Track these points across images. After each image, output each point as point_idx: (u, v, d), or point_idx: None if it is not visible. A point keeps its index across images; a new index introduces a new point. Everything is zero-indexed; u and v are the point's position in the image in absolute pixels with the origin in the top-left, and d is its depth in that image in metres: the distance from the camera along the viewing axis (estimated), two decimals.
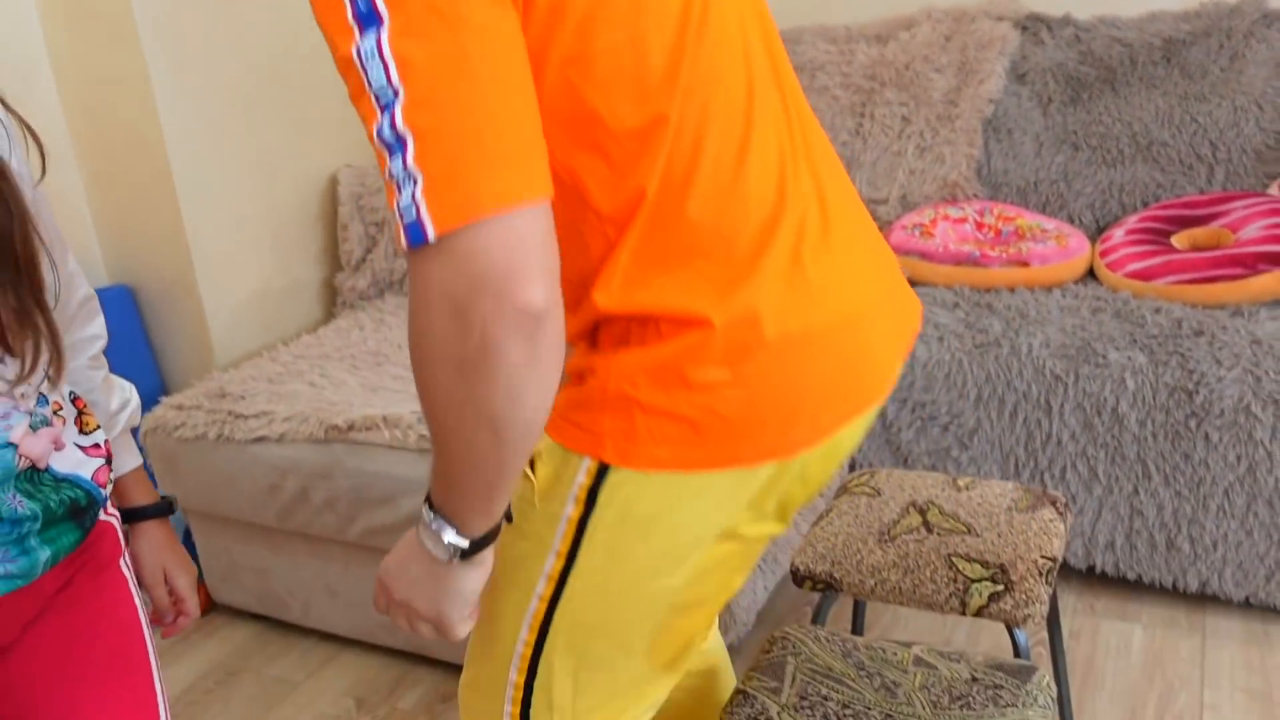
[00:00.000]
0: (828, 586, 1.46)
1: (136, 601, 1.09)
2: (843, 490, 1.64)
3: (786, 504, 0.96)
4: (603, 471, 0.87)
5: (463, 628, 0.91)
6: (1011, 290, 2.21)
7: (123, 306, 2.45)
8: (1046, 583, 1.38)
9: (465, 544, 0.83)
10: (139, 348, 2.49)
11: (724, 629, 1.87)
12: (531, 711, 1.00)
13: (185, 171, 2.30)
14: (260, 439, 2.04)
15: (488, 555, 0.87)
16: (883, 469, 1.67)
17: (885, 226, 2.49)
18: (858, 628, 1.77)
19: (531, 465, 0.91)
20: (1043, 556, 1.41)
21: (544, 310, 0.71)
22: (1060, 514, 1.52)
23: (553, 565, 0.92)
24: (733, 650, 1.92)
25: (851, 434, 0.94)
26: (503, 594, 0.98)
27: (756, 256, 0.85)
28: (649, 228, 0.83)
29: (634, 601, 0.93)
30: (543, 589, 0.94)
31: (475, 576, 0.88)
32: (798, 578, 1.48)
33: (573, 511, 0.89)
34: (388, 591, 0.92)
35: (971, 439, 2.08)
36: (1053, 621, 1.64)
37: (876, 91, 2.55)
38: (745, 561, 0.99)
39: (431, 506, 0.84)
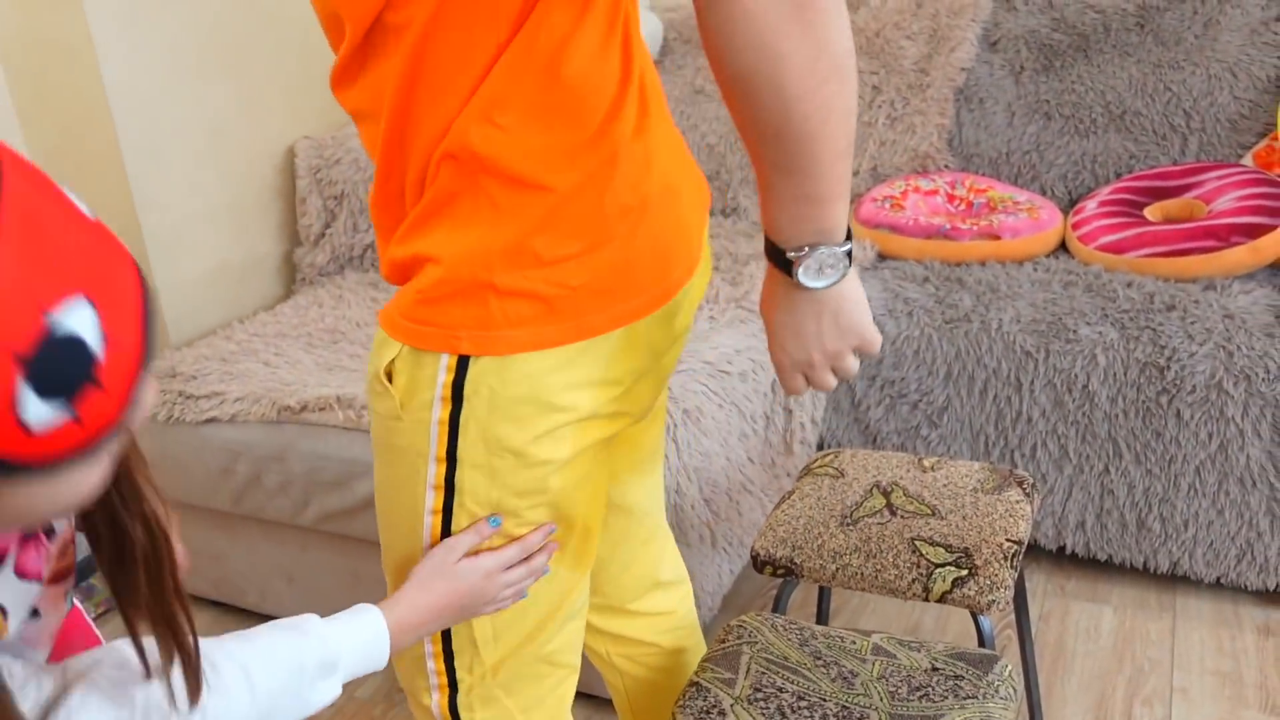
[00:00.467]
0: (788, 572, 1.42)
1: (92, 627, 1.04)
2: (806, 471, 1.59)
3: (639, 382, 0.98)
4: (463, 364, 0.88)
5: (877, 333, 0.96)
6: (982, 264, 2.16)
7: None
8: (1011, 567, 1.34)
9: (842, 247, 0.87)
10: None
11: None
12: (453, 636, 1.01)
13: (134, 143, 2.22)
14: (211, 420, 1.98)
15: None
16: (848, 449, 1.63)
17: (856, 199, 2.44)
18: (823, 614, 1.73)
19: (389, 377, 0.92)
20: (1008, 540, 1.37)
21: None
22: (1027, 495, 1.48)
23: (435, 473, 0.92)
24: None
25: (687, 304, 0.99)
26: (392, 525, 0.98)
27: (606, 128, 0.87)
28: (525, 68, 0.83)
29: (522, 492, 0.94)
30: (432, 501, 0.94)
31: (857, 281, 0.93)
32: (757, 563, 1.44)
33: (441, 412, 0.89)
34: (809, 366, 0.96)
35: (941, 417, 2.04)
36: (1020, 605, 1.61)
37: None
38: (609, 441, 1.00)
39: (793, 251, 0.87)
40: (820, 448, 2.17)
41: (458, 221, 0.86)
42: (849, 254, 0.88)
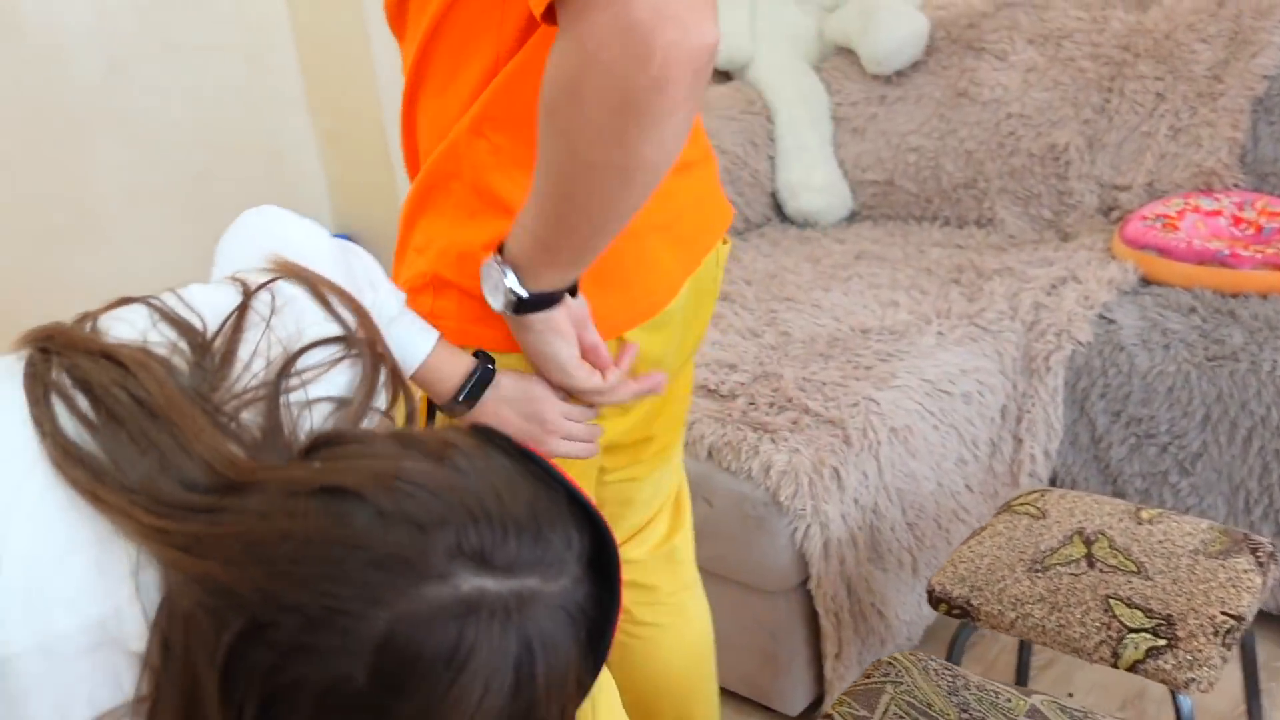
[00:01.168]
0: (964, 614, 1.30)
1: None
2: (1005, 507, 1.46)
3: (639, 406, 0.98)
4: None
5: (583, 372, 0.87)
6: (1264, 297, 1.90)
7: None
8: (1224, 644, 1.16)
9: (524, 293, 0.81)
10: None
11: (880, 641, 1.73)
12: None
13: (398, 131, 2.37)
14: None
15: (557, 320, 0.84)
16: (1056, 490, 1.48)
17: (1125, 216, 2.22)
18: (1023, 666, 1.59)
19: None
20: (1224, 613, 1.19)
21: (714, 49, 0.68)
22: (1260, 564, 1.28)
23: None
24: None
25: (674, 331, 0.96)
26: None
27: None
28: (521, 92, 0.81)
29: None
30: None
31: (545, 338, 0.85)
32: (933, 599, 1.33)
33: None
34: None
35: (1195, 464, 1.81)
36: (1252, 687, 1.40)
37: (1129, 64, 2.26)
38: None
39: (494, 253, 0.82)
40: (1053, 484, 1.99)
41: (436, 212, 0.89)
42: (521, 302, 0.82)
